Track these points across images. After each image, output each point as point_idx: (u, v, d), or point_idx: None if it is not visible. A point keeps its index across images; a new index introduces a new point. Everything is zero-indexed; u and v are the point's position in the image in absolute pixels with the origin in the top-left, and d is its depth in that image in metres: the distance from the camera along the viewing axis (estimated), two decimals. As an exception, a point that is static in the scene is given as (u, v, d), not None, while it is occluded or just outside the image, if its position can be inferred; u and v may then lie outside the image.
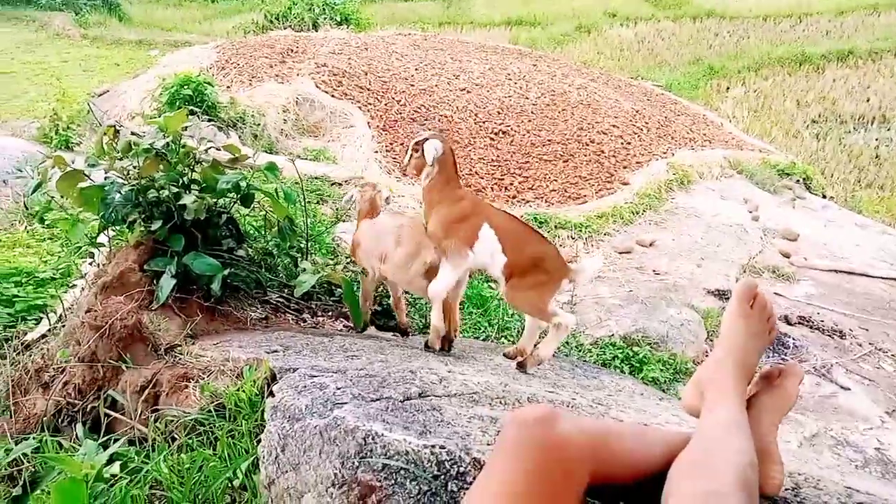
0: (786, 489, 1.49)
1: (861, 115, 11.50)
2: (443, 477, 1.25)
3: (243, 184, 2.57)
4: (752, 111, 11.93)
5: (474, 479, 1.20)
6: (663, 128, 8.98)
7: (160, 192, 2.43)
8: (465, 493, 1.21)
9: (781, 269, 5.93)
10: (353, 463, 1.30)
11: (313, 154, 7.16)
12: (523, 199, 6.87)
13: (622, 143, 8.13)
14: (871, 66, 13.85)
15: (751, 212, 7.10)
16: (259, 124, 7.53)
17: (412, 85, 8.71)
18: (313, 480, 1.35)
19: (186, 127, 2.69)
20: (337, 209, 5.72)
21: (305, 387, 1.60)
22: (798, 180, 8.35)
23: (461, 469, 1.26)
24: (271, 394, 1.65)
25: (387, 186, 6.48)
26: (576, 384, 2.71)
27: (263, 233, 3.05)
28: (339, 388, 1.57)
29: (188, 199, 2.40)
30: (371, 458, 1.29)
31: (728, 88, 13.08)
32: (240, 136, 7.21)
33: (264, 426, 1.59)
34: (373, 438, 1.33)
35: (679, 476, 1.17)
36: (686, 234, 6.50)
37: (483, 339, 3.94)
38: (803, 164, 8.85)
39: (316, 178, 6.26)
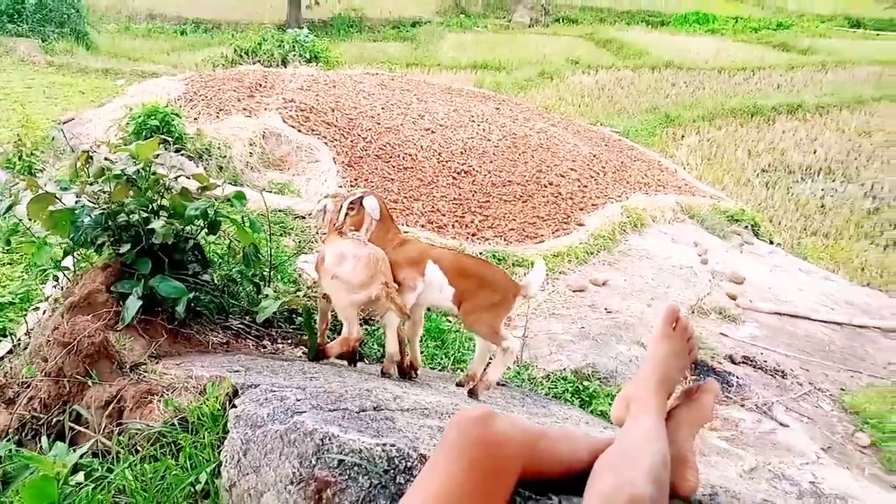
0: (703, 494, 1.64)
1: (808, 166, 12.02)
2: (392, 471, 1.37)
3: (211, 211, 2.68)
4: (706, 159, 12.39)
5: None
6: (619, 172, 9.30)
7: (130, 216, 2.53)
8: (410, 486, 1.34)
9: (728, 310, 6.18)
10: (311, 461, 1.41)
11: (278, 187, 7.26)
12: (483, 238, 7.06)
13: (579, 186, 8.40)
14: (818, 119, 14.52)
15: (700, 255, 7.39)
16: (225, 156, 7.61)
17: (378, 123, 8.91)
18: (272, 480, 1.45)
19: (158, 155, 2.80)
20: (300, 241, 5.82)
21: (267, 399, 1.71)
22: (747, 226, 8.71)
23: (409, 464, 1.38)
24: (233, 406, 1.75)
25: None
26: (525, 411, 2.84)
27: (228, 260, 3.15)
28: (298, 400, 1.68)
29: (157, 224, 2.50)
30: (328, 456, 1.40)
31: (683, 136, 13.57)
32: (205, 168, 7.28)
33: (226, 438, 1.69)
34: (329, 439, 1.44)
35: (600, 471, 1.32)
36: (638, 275, 6.74)
37: (440, 370, 4.05)
38: (752, 211, 9.23)
39: (280, 210, 6.36)
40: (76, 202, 2.62)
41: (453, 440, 1.21)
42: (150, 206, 2.68)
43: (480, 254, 6.58)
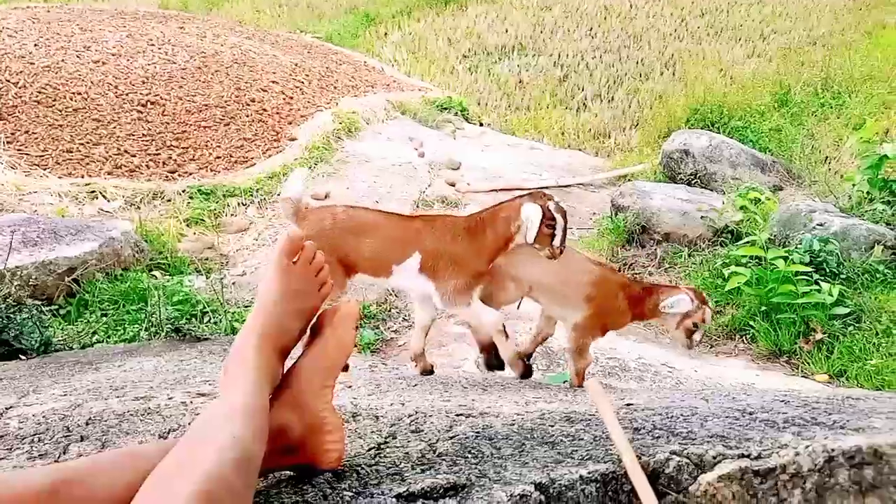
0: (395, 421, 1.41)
1: (503, 46, 12.49)
2: None
3: None
4: (411, 53, 12.37)
5: None
6: (325, 78, 8.89)
7: None
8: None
9: (449, 197, 6.23)
10: None
11: None
12: (186, 172, 6.33)
13: (284, 99, 7.88)
14: (505, 0, 15.12)
15: (416, 149, 7.35)
16: None
17: (32, 63, 7.50)
18: None
19: None
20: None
21: None
22: (456, 113, 8.85)
23: None
24: None
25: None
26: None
27: None
28: None
29: None
30: None
31: (386, 34, 13.40)
32: None
33: None
34: None
35: (145, 485, 0.88)
36: (360, 181, 6.52)
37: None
38: (459, 97, 9.39)
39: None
40: None
41: None
42: None
43: (184, 191, 5.91)
